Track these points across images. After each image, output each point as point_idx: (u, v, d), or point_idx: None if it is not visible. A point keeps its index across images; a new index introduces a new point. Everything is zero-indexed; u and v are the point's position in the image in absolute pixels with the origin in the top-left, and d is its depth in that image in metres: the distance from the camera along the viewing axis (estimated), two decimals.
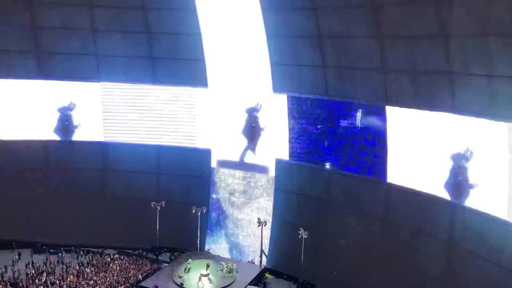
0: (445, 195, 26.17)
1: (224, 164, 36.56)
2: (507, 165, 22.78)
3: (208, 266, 31.88)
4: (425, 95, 25.79)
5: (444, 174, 26.14)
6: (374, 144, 29.45)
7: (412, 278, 27.84)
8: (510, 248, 22.81)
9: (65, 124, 36.65)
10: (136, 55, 35.06)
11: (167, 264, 34.68)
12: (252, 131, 35.08)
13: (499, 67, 22.00)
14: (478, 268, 24.40)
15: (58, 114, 36.48)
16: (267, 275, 34.41)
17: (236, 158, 36.04)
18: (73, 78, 35.81)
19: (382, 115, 28.56)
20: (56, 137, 36.79)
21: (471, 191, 25.05)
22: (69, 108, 36.47)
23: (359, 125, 29.77)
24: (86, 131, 36.92)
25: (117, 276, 32.39)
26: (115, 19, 34.08)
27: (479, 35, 22.30)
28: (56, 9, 33.57)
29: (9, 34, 33.83)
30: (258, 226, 34.07)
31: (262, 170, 35.37)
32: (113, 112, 36.92)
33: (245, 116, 35.07)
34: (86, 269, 33.06)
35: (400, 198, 28.58)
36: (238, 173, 36.25)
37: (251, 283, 32.14)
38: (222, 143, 36.22)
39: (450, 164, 25.81)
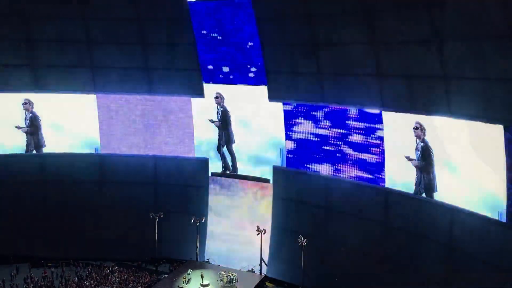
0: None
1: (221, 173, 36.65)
2: (504, 168, 22.94)
3: (202, 276, 31.68)
4: (421, 100, 25.95)
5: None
6: (372, 149, 29.61)
7: (412, 282, 27.83)
8: (509, 250, 22.84)
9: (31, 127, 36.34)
10: (132, 66, 35.13)
11: (166, 275, 34.48)
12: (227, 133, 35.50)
13: (493, 70, 22.19)
14: (478, 271, 24.39)
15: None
16: (267, 283, 34.29)
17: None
18: (69, 90, 35.78)
19: (379, 120, 28.77)
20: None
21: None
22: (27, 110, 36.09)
23: None
24: (82, 143, 36.94)
25: None
26: (110, 31, 34.17)
27: (473, 39, 22.51)
28: (50, 22, 33.67)
29: (4, 47, 33.89)
30: (258, 234, 33.97)
31: (260, 178, 35.45)
32: (109, 123, 37.01)
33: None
34: (85, 282, 32.84)
35: (399, 203, 28.66)
36: (235, 181, 36.26)
37: None
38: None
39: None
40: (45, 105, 36.03)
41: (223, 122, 35.48)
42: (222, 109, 35.23)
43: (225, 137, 35.68)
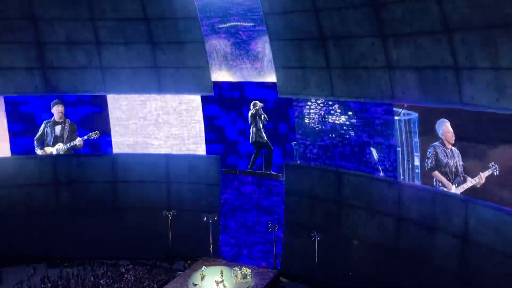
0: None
1: (233, 169, 36.67)
2: None
3: (222, 272, 31.78)
4: (432, 91, 25.60)
5: None
6: (383, 142, 29.43)
7: (427, 276, 27.54)
8: None
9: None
10: (141, 65, 35.23)
11: (181, 273, 34.60)
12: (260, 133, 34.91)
13: (505, 59, 21.82)
14: (494, 262, 24.06)
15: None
16: (282, 278, 34.29)
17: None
18: (79, 91, 36.10)
19: (388, 113, 28.50)
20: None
21: None
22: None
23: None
24: (94, 144, 37.23)
25: (131, 287, 32.38)
26: (119, 31, 34.27)
27: (483, 28, 22.15)
28: (59, 24, 33.88)
29: (14, 51, 34.13)
30: (270, 230, 33.99)
31: (272, 174, 35.27)
32: (120, 123, 37.21)
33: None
34: (101, 281, 33.11)
35: (412, 196, 28.41)
36: (248, 178, 36.23)
37: None
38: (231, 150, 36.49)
39: None
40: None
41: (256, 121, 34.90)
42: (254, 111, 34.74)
43: (258, 133, 34.90)
